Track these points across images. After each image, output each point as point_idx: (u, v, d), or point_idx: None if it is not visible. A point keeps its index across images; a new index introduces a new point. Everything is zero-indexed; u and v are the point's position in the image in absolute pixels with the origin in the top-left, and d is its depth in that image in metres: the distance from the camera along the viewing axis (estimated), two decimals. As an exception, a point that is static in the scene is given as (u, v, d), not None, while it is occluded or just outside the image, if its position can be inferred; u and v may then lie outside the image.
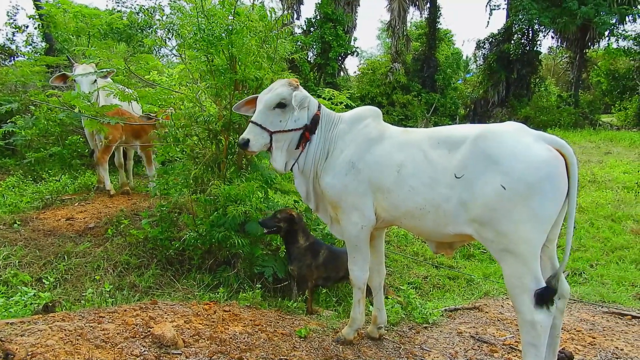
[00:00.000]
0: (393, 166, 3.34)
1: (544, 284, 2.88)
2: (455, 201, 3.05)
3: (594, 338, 4.21)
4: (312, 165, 3.72)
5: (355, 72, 29.21)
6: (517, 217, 2.81)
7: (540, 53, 26.23)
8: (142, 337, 3.16)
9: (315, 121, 3.69)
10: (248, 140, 3.49)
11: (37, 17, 13.04)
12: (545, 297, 2.85)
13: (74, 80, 7.02)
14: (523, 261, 2.84)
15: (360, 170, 3.48)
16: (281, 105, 3.55)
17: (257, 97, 3.74)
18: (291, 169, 3.76)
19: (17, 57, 15.83)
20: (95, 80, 6.98)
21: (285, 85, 3.59)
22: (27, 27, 16.17)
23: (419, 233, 3.52)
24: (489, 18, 40.01)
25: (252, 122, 3.55)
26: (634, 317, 4.81)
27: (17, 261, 5.04)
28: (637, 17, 22.30)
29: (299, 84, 3.67)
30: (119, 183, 7.82)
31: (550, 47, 35.07)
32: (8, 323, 3.08)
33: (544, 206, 2.80)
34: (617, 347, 4.03)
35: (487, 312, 4.85)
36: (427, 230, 3.30)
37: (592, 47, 25.96)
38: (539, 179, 2.78)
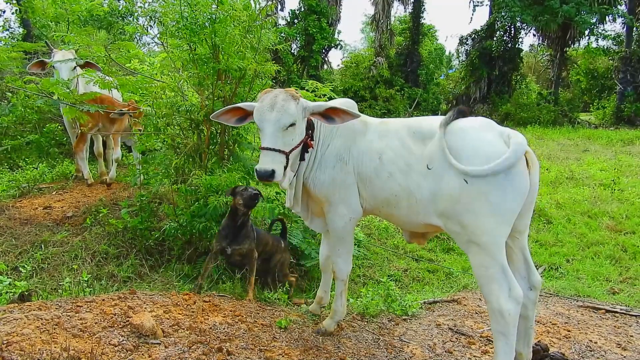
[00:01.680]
0: (375, 154, 3.41)
1: (510, 274, 2.96)
2: (427, 191, 3.13)
3: (569, 331, 4.30)
4: (305, 169, 3.61)
5: (338, 65, 29.19)
6: (479, 210, 2.90)
7: (522, 50, 26.48)
8: (120, 326, 3.13)
9: (312, 126, 3.52)
10: (273, 171, 3.16)
11: (14, 2, 12.72)
12: None
13: (53, 67, 6.88)
14: (487, 252, 2.93)
15: (346, 162, 3.51)
16: (293, 124, 3.28)
17: (239, 107, 3.50)
18: None
19: (-7, 43, 15.48)
20: (75, 67, 6.85)
21: (291, 100, 3.26)
22: (4, 12, 15.77)
23: (395, 222, 3.61)
24: (472, 14, 40.10)
25: (269, 148, 3.22)
26: (607, 311, 4.91)
27: (-8, 250, 4.95)
28: (616, 17, 22.69)
29: (300, 94, 3.43)
30: (97, 172, 7.71)
31: (531, 45, 35.52)
32: (-18, 312, 3.02)
33: (504, 200, 2.88)
34: (591, 340, 4.11)
35: (465, 305, 4.91)
36: (402, 219, 3.39)
37: (572, 46, 26.36)
38: (497, 174, 2.86)
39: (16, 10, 13.17)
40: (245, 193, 4.35)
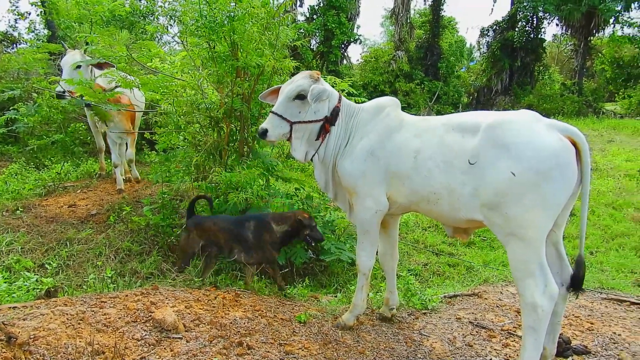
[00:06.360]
0: (411, 152, 3.41)
1: (548, 269, 2.94)
2: (469, 186, 3.10)
3: (592, 324, 4.24)
4: (331, 155, 3.81)
5: (358, 60, 29.07)
6: (527, 202, 2.87)
7: (545, 41, 25.98)
8: (143, 321, 3.20)
9: (335, 113, 3.76)
10: (266, 130, 3.62)
11: (39, 3, 13.00)
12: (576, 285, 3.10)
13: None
14: (529, 246, 2.91)
15: (379, 158, 3.55)
16: (300, 96, 3.64)
17: (281, 87, 3.80)
18: (311, 159, 3.84)
19: (19, 44, 15.84)
20: (79, 67, 6.82)
21: (306, 78, 3.68)
22: (29, 14, 16.16)
23: (436, 217, 3.59)
24: (493, 5, 39.89)
25: (272, 112, 3.67)
26: (632, 303, 4.83)
27: (19, 247, 5.10)
28: (643, 4, 22.05)
29: (319, 76, 3.74)
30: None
31: (554, 35, 34.87)
32: (11, 307, 3.12)
33: (553, 193, 2.86)
34: (614, 333, 4.05)
35: (486, 299, 4.88)
36: (443, 215, 3.37)
37: (596, 35, 25.78)
38: (548, 167, 2.83)
39: (41, 12, 13.46)
40: (315, 232, 4.52)
